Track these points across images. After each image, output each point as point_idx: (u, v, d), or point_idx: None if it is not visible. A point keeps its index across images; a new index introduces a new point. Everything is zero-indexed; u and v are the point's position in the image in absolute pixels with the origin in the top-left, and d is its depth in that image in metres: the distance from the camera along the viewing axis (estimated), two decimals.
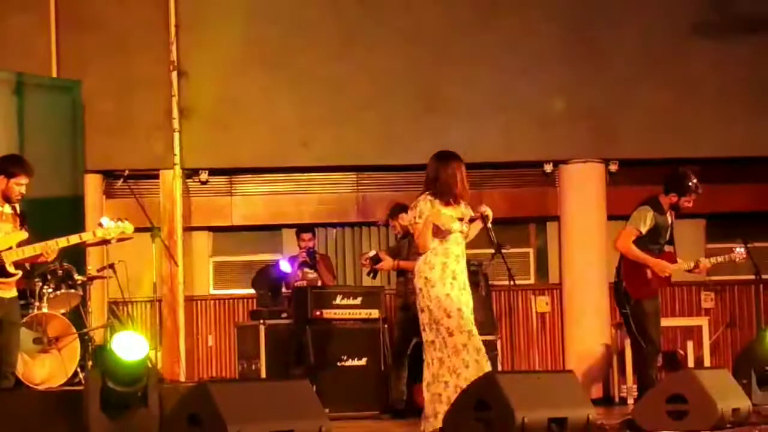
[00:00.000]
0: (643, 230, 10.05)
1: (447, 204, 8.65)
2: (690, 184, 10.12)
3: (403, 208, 11.19)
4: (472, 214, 8.75)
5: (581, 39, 14.31)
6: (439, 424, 8.23)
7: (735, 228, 14.25)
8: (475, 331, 8.54)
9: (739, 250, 10.51)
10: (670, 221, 10.21)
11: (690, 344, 13.78)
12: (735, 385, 8.78)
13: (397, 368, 11.22)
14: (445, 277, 8.53)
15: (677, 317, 14.67)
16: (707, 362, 13.59)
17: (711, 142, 14.25)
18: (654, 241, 10.08)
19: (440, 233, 8.60)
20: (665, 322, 13.84)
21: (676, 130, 14.26)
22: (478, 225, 8.82)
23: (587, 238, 13.93)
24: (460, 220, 8.71)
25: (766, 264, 12.80)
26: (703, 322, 13.96)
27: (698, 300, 15.04)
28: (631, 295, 10.04)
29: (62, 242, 8.47)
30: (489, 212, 8.76)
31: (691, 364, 13.55)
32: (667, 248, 10.31)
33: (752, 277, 12.41)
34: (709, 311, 14.89)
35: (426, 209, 8.59)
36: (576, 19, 14.38)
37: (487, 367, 8.41)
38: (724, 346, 14.91)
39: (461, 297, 8.55)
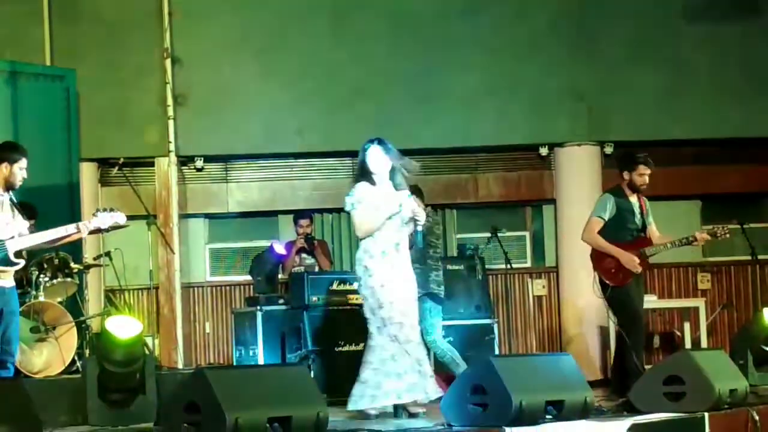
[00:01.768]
0: (606, 217, 9.98)
1: (378, 189, 8.70)
2: (637, 156, 10.02)
3: (419, 192, 11.17)
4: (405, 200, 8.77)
5: (575, 21, 14.32)
6: (361, 405, 8.51)
7: (730, 209, 14.28)
8: (411, 321, 8.63)
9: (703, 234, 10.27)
10: (638, 206, 10.11)
11: (687, 325, 13.79)
12: (732, 365, 8.79)
13: None
14: (383, 267, 8.60)
15: (674, 298, 14.70)
16: (704, 343, 13.60)
17: (705, 123, 14.26)
18: (622, 226, 10.01)
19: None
20: (662, 303, 13.93)
21: (670, 112, 14.28)
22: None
23: (583, 220, 13.85)
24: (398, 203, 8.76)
25: (762, 244, 12.85)
26: (699, 303, 13.95)
27: (695, 281, 15.05)
28: (607, 283, 10.00)
29: (71, 228, 8.48)
30: (404, 203, 8.75)
31: (688, 345, 13.56)
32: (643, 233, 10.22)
33: (748, 257, 12.47)
34: (706, 292, 14.91)
35: (365, 194, 8.63)
36: (569, 2, 14.37)
37: (421, 359, 8.56)
38: (720, 326, 14.93)
39: (398, 288, 8.63)
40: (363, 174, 8.78)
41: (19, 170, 8.46)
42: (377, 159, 8.78)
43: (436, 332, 10.80)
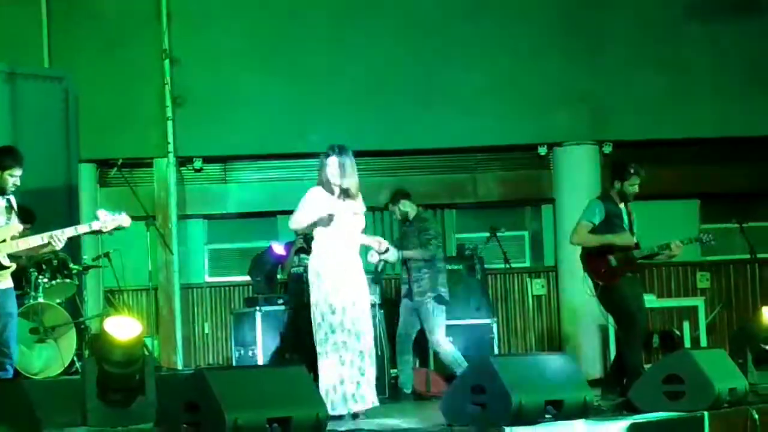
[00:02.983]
0: (596, 221, 9.97)
1: (336, 197, 8.72)
2: (630, 169, 10.02)
3: (405, 194, 11.21)
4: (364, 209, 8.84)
5: (575, 22, 14.33)
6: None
7: (729, 208, 14.27)
8: (361, 328, 8.62)
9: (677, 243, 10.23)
10: (625, 212, 10.11)
11: (686, 324, 13.79)
12: (731, 364, 8.78)
13: (401, 354, 11.23)
14: (335, 273, 8.62)
15: (673, 297, 14.69)
16: (703, 342, 13.60)
17: (705, 123, 14.27)
18: (611, 231, 9.99)
19: (332, 227, 8.67)
20: (661, 302, 13.90)
21: (669, 111, 14.29)
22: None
23: None
24: (355, 214, 8.75)
25: (761, 243, 12.85)
26: (699, 302, 13.95)
27: (694, 280, 15.05)
28: (597, 282, 9.97)
29: (69, 231, 8.45)
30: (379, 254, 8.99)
31: (687, 344, 13.56)
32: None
33: (747, 256, 12.47)
34: (705, 291, 14.91)
35: (315, 200, 8.70)
36: (570, 2, 14.38)
37: (365, 369, 8.59)
38: (720, 325, 14.93)
39: (351, 294, 8.64)
40: (321, 181, 8.79)
41: (10, 177, 8.41)
42: (333, 171, 8.75)
43: (440, 332, 10.83)
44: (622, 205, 10.06)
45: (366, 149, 14.40)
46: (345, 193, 8.75)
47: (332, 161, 8.75)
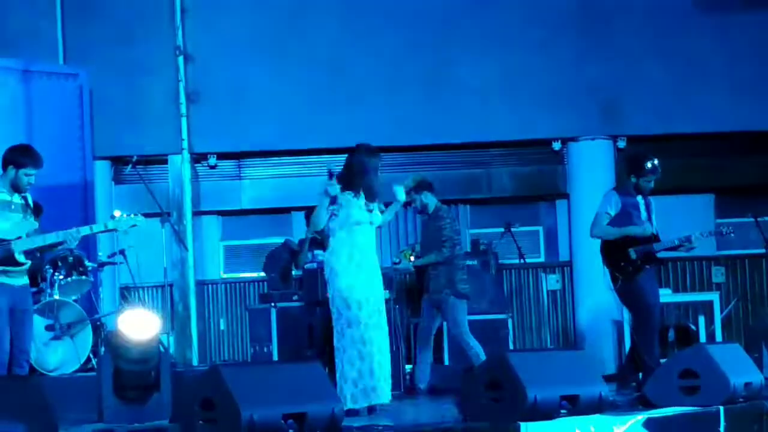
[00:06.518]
0: (612, 212, 9.95)
1: (356, 195, 8.79)
2: (647, 165, 9.97)
3: (429, 186, 11.21)
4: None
5: (588, 16, 14.29)
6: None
7: (745, 202, 14.23)
8: (376, 323, 8.68)
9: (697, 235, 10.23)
10: (643, 204, 10.08)
11: (701, 319, 13.76)
12: (747, 359, 8.77)
13: (421, 349, 11.24)
14: (349, 268, 8.67)
15: (688, 292, 14.66)
16: (719, 337, 13.58)
17: (719, 116, 14.21)
18: (629, 221, 9.96)
19: (348, 224, 8.71)
20: (677, 297, 13.89)
21: (684, 105, 14.24)
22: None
23: None
24: (369, 211, 8.78)
25: None
26: (714, 296, 13.92)
27: (709, 274, 15.02)
28: (617, 275, 9.94)
29: (84, 230, 8.49)
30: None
31: (702, 338, 13.53)
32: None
33: (763, 250, 12.43)
34: (720, 286, 14.87)
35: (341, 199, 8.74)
36: None
37: (382, 363, 8.63)
38: (735, 320, 14.89)
39: (366, 289, 8.69)
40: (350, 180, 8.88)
41: (25, 176, 8.42)
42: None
43: (464, 326, 10.86)
44: (639, 197, 10.04)
45: (380, 144, 14.40)
46: (362, 191, 8.79)
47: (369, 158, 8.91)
